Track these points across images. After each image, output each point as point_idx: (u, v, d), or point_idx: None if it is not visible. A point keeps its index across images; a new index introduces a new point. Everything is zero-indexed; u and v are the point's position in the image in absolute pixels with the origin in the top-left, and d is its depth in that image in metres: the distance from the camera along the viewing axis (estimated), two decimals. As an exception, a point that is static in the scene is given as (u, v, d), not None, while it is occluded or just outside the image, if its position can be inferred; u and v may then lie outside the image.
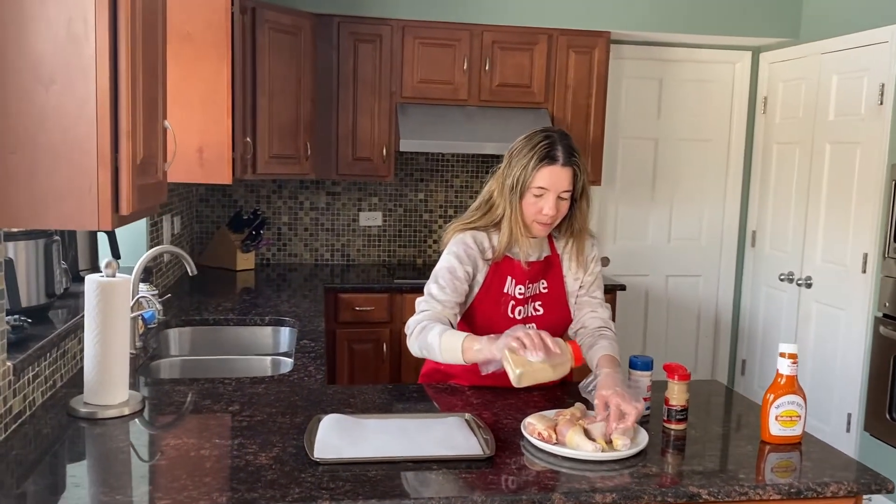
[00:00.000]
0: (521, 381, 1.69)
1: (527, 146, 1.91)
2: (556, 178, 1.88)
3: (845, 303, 3.76)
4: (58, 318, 2.10)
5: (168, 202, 3.40)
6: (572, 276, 2.05)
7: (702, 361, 4.76)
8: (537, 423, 1.65)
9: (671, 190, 4.58)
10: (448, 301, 1.94)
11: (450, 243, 1.99)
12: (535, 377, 1.70)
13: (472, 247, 1.97)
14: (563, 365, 1.72)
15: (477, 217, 2.00)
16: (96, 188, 1.23)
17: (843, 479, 1.52)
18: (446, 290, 1.94)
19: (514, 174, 1.91)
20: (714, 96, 4.56)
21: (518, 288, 1.98)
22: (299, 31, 3.67)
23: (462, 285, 1.95)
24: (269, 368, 2.42)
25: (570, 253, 2.04)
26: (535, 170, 1.88)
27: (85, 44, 1.20)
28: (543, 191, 1.89)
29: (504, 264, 1.99)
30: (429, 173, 4.35)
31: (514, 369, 1.67)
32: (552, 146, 1.89)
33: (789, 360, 1.67)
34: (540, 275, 2.02)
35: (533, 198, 1.90)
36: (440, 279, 1.95)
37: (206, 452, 1.55)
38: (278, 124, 3.61)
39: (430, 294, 1.95)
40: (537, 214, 1.91)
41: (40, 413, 1.77)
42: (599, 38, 4.04)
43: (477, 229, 1.99)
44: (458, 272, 1.95)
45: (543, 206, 1.89)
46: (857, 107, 3.69)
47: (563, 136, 1.93)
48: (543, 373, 1.70)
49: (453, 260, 1.96)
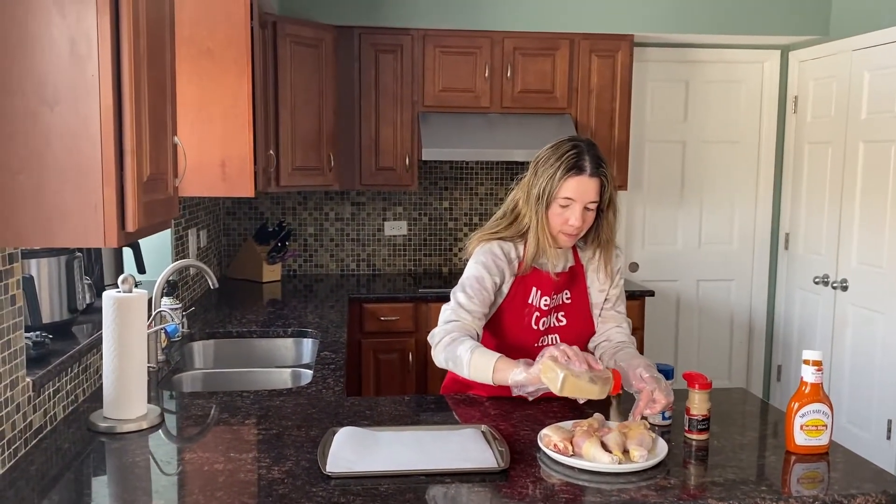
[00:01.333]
0: (563, 386, 1.61)
1: (553, 156, 1.88)
2: (584, 188, 1.85)
3: (882, 305, 3.65)
4: (82, 333, 2.13)
5: (194, 216, 3.45)
6: (597, 288, 2.03)
7: (736, 368, 4.66)
8: (553, 435, 1.62)
9: (700, 193, 4.51)
10: (476, 311, 1.91)
11: (476, 252, 1.97)
12: (577, 386, 1.62)
13: (501, 257, 1.95)
14: (605, 383, 1.65)
15: (503, 227, 1.98)
16: (101, 206, 1.24)
17: (870, 491, 1.47)
18: (474, 301, 1.91)
19: (540, 184, 1.88)
20: (742, 97, 4.47)
21: (544, 299, 1.96)
22: (320, 44, 3.69)
23: (489, 296, 1.93)
24: (289, 381, 2.43)
25: (595, 263, 2.01)
26: (562, 180, 1.85)
27: (88, 63, 1.21)
28: (570, 201, 1.86)
29: (530, 275, 1.96)
30: (453, 182, 4.34)
31: (557, 373, 1.61)
32: (580, 156, 1.86)
33: (814, 368, 1.62)
34: (564, 285, 1.99)
35: (559, 208, 1.87)
36: (468, 288, 1.93)
37: (220, 466, 1.55)
38: (301, 136, 3.63)
39: (458, 303, 1.92)
40: (563, 225, 1.88)
41: (62, 428, 1.79)
42: (622, 41, 4.00)
43: (503, 239, 1.97)
44: (486, 282, 1.93)
45: (570, 217, 1.87)
46: (891, 104, 3.59)
47: (590, 146, 1.90)
48: (586, 384, 1.63)
49: (482, 269, 1.93)
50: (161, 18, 1.45)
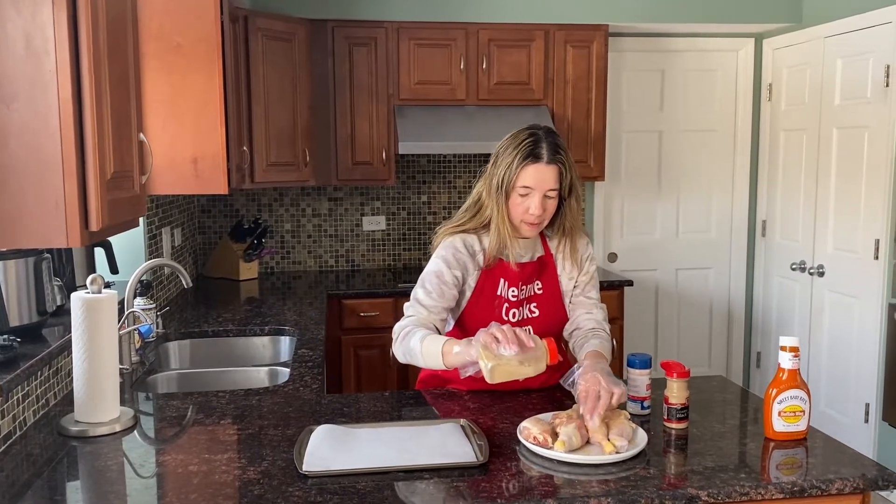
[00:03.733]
0: (493, 376, 1.63)
1: (511, 145, 1.87)
2: (542, 176, 1.84)
3: (858, 290, 3.68)
4: (52, 335, 2.08)
5: (167, 214, 3.40)
6: (567, 276, 2.01)
7: (716, 356, 4.69)
8: (532, 427, 1.61)
9: (677, 182, 4.52)
10: (434, 306, 1.90)
11: (439, 247, 1.96)
12: (508, 371, 1.64)
13: (462, 250, 1.93)
14: (538, 361, 1.66)
15: (466, 219, 1.96)
16: (63, 205, 1.21)
17: (848, 476, 1.47)
18: (433, 295, 1.90)
19: (499, 174, 1.87)
20: (718, 85, 4.49)
21: (511, 290, 1.94)
22: (293, 38, 3.65)
23: (450, 290, 1.91)
24: (266, 380, 2.40)
25: (563, 252, 2.00)
26: (520, 168, 1.84)
27: (45, 59, 1.17)
28: (529, 190, 1.85)
29: (496, 267, 1.94)
30: (431, 175, 4.31)
31: (485, 363, 1.63)
32: (536, 144, 1.84)
33: (790, 354, 1.62)
34: (534, 276, 1.98)
35: (519, 197, 1.86)
36: (427, 284, 1.92)
37: (194, 468, 1.52)
38: (275, 132, 3.59)
39: (416, 299, 1.92)
40: (524, 214, 1.87)
41: (32, 433, 1.75)
42: (597, 31, 3.99)
43: (466, 232, 1.95)
44: (446, 276, 1.91)
45: (530, 206, 1.85)
46: (863, 90, 3.61)
47: (548, 134, 1.88)
48: (517, 367, 1.64)
49: (441, 264, 1.92)
50: (122, 12, 1.41)
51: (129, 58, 1.47)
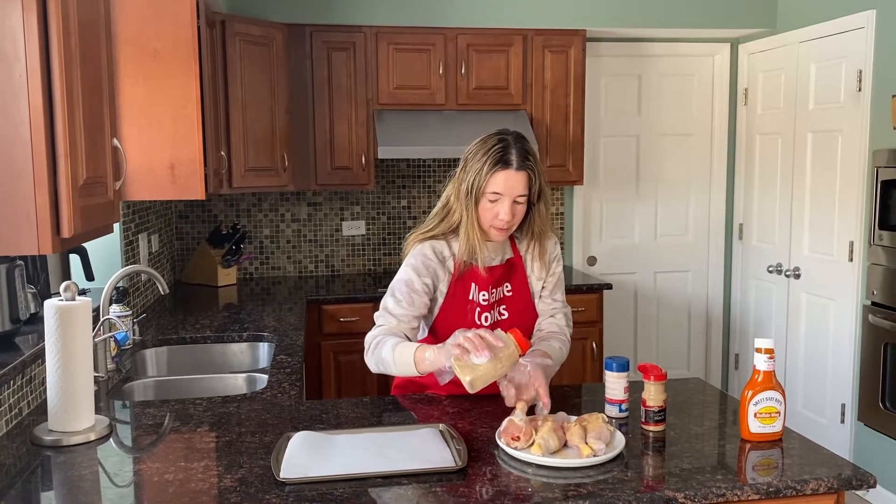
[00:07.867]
0: (474, 387, 1.65)
1: (481, 150, 1.87)
2: (511, 182, 1.84)
3: (834, 292, 3.73)
4: (26, 343, 2.06)
5: (144, 220, 3.36)
6: (535, 277, 2.02)
7: (694, 358, 4.72)
8: (510, 427, 1.61)
9: (655, 186, 4.55)
10: (404, 315, 1.89)
11: (409, 255, 1.95)
12: (486, 378, 1.66)
13: (431, 257, 1.93)
14: (510, 356, 1.68)
15: (435, 224, 1.96)
16: (34, 212, 1.19)
17: (822, 476, 1.49)
18: (402, 304, 1.90)
19: (468, 179, 1.86)
20: (694, 90, 4.53)
21: (482, 294, 1.94)
22: (271, 42, 3.64)
23: (420, 298, 1.91)
24: (243, 386, 2.38)
25: (532, 253, 2.00)
26: (489, 175, 1.84)
27: (15, 63, 1.16)
28: (498, 196, 1.85)
29: (467, 272, 1.94)
30: (410, 180, 4.31)
31: (463, 377, 1.64)
32: (506, 150, 1.84)
33: (766, 356, 1.64)
34: (503, 278, 1.98)
35: (488, 203, 1.86)
36: (396, 292, 1.91)
37: (170, 477, 1.51)
38: (253, 137, 3.57)
39: (386, 308, 1.91)
40: (493, 220, 1.87)
41: (5, 442, 1.72)
42: (575, 36, 4.02)
43: (435, 238, 1.95)
44: (416, 284, 1.91)
45: (499, 212, 1.85)
46: (837, 94, 3.66)
47: (517, 140, 1.88)
48: (493, 371, 1.66)
49: (411, 272, 1.92)
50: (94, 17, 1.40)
51: (103, 63, 1.45)
